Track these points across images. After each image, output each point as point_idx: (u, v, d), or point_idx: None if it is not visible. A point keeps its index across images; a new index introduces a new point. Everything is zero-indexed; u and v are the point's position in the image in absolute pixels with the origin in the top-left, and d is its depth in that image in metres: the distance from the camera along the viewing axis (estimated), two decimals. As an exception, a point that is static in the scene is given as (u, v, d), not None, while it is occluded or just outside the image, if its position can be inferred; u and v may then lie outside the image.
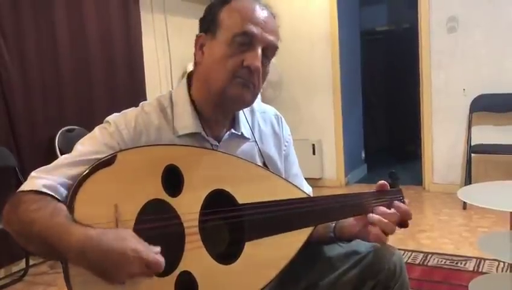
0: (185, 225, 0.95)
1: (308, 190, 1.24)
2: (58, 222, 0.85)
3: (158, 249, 0.86)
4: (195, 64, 1.10)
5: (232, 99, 1.04)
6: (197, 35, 1.09)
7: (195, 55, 1.09)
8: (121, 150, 0.98)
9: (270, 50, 1.06)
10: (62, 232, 0.84)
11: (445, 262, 2.56)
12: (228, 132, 1.12)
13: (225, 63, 1.01)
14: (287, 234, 1.04)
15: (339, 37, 4.34)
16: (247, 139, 1.15)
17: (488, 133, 3.76)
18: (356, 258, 1.14)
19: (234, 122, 1.14)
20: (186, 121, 1.07)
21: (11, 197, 0.93)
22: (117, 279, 0.84)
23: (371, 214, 1.09)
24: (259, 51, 1.02)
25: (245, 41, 1.01)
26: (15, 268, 2.87)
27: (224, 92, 1.02)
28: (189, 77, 1.13)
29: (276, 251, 1.03)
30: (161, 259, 0.85)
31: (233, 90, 1.02)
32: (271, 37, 1.04)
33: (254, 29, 1.01)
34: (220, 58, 1.02)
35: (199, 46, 1.07)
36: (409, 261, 2.60)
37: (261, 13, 1.04)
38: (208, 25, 1.06)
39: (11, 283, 2.72)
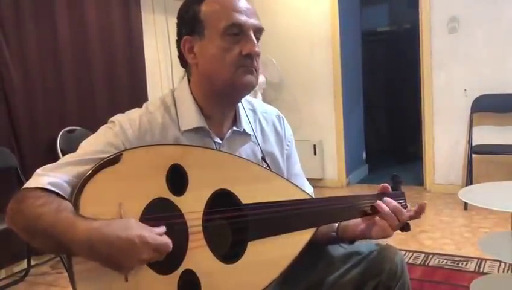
0: (188, 224, 0.95)
1: (309, 190, 1.25)
2: (64, 216, 0.86)
3: (163, 229, 0.88)
4: (189, 67, 1.10)
5: (240, 89, 1.07)
6: (180, 40, 1.08)
7: (185, 58, 1.09)
8: (126, 149, 0.99)
9: (258, 32, 1.08)
10: (68, 226, 0.85)
11: (446, 262, 2.56)
12: (230, 130, 1.13)
13: (224, 57, 1.03)
14: (290, 235, 1.05)
15: (339, 38, 4.34)
16: (249, 135, 1.16)
17: (489, 134, 3.76)
18: (358, 258, 1.15)
19: (236, 120, 1.15)
20: (190, 116, 1.09)
21: (15, 193, 0.93)
22: (128, 267, 0.86)
23: (378, 201, 1.10)
24: (252, 35, 1.05)
25: (235, 31, 1.03)
26: (17, 268, 2.87)
27: (231, 84, 1.05)
28: (188, 76, 1.14)
29: (278, 251, 1.03)
30: (167, 240, 0.87)
31: (241, 79, 1.05)
32: (256, 21, 1.07)
33: (240, 18, 1.03)
34: (217, 54, 1.03)
35: (188, 49, 1.08)
36: (410, 261, 2.60)
37: (239, 0, 1.06)
38: (191, 26, 1.06)
39: (12, 283, 2.72)
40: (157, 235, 0.87)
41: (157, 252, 0.86)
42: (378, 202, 1.10)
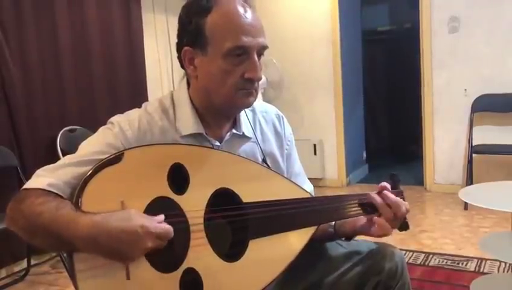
0: (190, 222, 0.96)
1: (309, 188, 1.25)
2: (65, 212, 0.87)
3: (162, 217, 0.90)
4: (189, 77, 1.09)
5: (239, 108, 1.09)
6: (181, 45, 1.05)
7: (185, 67, 1.07)
8: (127, 149, 0.98)
9: (262, 50, 1.05)
10: (69, 221, 0.86)
11: (446, 262, 2.56)
12: (229, 132, 1.13)
13: (226, 79, 1.01)
14: (291, 233, 1.05)
15: (340, 37, 4.34)
16: (248, 138, 1.16)
17: (489, 134, 3.76)
18: (358, 258, 1.16)
19: (235, 123, 1.15)
20: (188, 122, 1.08)
21: (15, 194, 0.94)
22: (132, 257, 0.87)
23: (374, 195, 1.10)
24: (256, 58, 1.02)
25: (240, 53, 1.01)
26: (17, 268, 2.87)
27: (230, 104, 1.05)
28: (188, 80, 1.13)
29: (279, 249, 1.03)
30: (168, 226, 0.89)
31: (240, 101, 1.05)
32: (261, 39, 1.03)
33: (247, 40, 1.00)
34: (219, 75, 1.01)
35: (188, 60, 1.05)
36: (410, 261, 2.60)
37: (247, 17, 1.01)
38: (193, 38, 1.02)
39: (12, 282, 2.72)
40: (159, 225, 0.89)
41: (160, 239, 0.88)
42: (372, 194, 1.11)
